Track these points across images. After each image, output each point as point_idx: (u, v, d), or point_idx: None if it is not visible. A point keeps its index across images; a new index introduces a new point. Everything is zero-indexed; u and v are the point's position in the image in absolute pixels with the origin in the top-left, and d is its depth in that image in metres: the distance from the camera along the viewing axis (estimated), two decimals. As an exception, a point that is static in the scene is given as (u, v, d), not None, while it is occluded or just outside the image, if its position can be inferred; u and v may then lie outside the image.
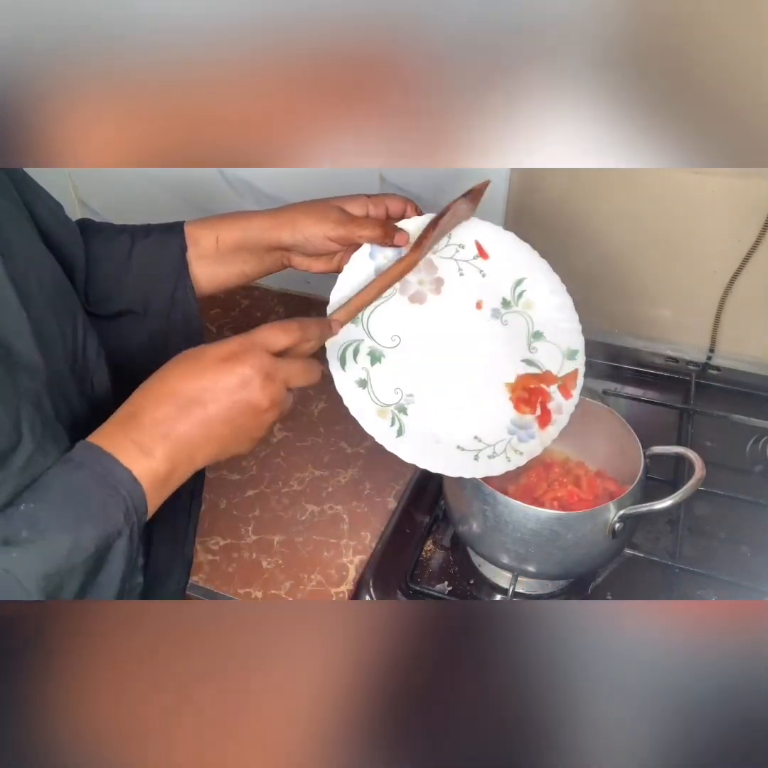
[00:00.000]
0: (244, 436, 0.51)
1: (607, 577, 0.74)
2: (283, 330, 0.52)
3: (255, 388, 0.49)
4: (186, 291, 0.64)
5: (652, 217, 0.93)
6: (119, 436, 0.47)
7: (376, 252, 0.63)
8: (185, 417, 0.48)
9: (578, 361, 0.67)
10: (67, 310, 0.53)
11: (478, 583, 0.74)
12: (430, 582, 0.74)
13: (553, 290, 0.68)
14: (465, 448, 0.63)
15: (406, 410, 0.62)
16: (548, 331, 0.67)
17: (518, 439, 0.64)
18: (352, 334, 0.62)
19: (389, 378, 0.63)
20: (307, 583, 0.75)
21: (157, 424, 0.47)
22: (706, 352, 1.00)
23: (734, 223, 0.89)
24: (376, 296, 0.61)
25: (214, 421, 0.49)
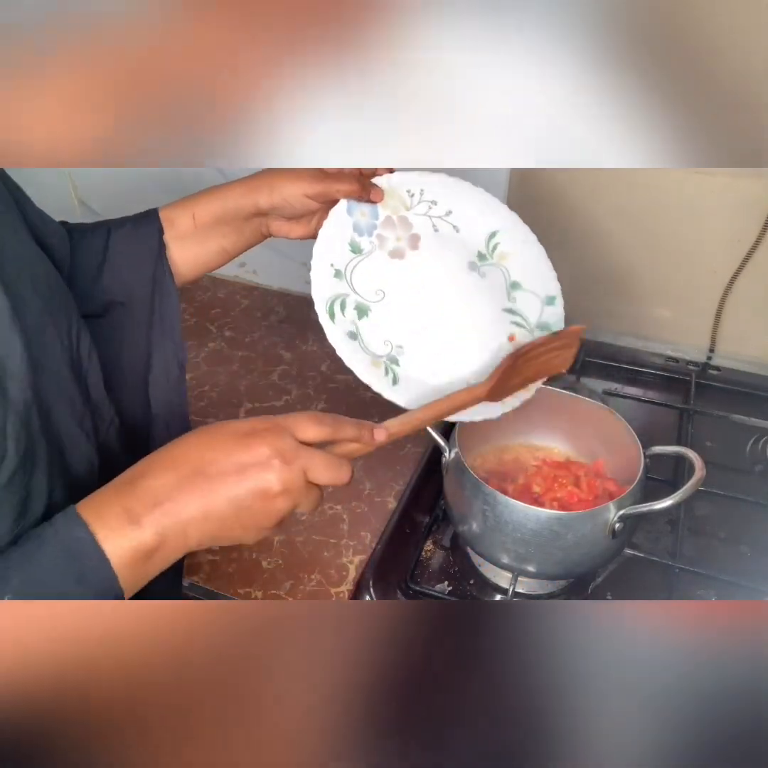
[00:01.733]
0: (250, 522, 0.46)
1: (607, 577, 0.74)
2: (314, 420, 0.49)
3: (269, 469, 0.45)
4: (165, 271, 0.63)
5: (652, 217, 0.93)
6: (112, 500, 0.44)
7: (353, 208, 0.65)
8: (185, 487, 0.44)
9: (557, 307, 0.69)
10: (63, 310, 0.52)
11: (478, 583, 0.74)
12: (430, 582, 0.74)
13: (526, 241, 0.70)
14: None
15: (398, 361, 0.64)
16: (525, 281, 0.70)
17: None
18: (338, 289, 0.63)
19: (377, 330, 0.64)
20: (307, 583, 0.75)
21: (153, 491, 0.44)
22: (706, 352, 1.00)
23: (734, 223, 0.89)
24: (434, 418, 0.58)
25: (217, 496, 0.44)
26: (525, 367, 0.59)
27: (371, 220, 0.65)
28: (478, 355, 0.66)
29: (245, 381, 1.04)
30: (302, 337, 1.12)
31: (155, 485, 0.44)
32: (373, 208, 0.65)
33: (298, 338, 1.12)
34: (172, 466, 0.45)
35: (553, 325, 0.68)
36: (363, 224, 0.65)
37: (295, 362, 1.07)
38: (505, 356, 0.60)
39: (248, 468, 0.45)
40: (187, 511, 0.44)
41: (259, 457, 0.45)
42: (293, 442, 0.47)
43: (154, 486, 0.44)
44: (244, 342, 1.11)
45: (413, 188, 0.67)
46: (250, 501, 0.45)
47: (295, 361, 1.07)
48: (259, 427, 0.46)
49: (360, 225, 0.65)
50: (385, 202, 0.66)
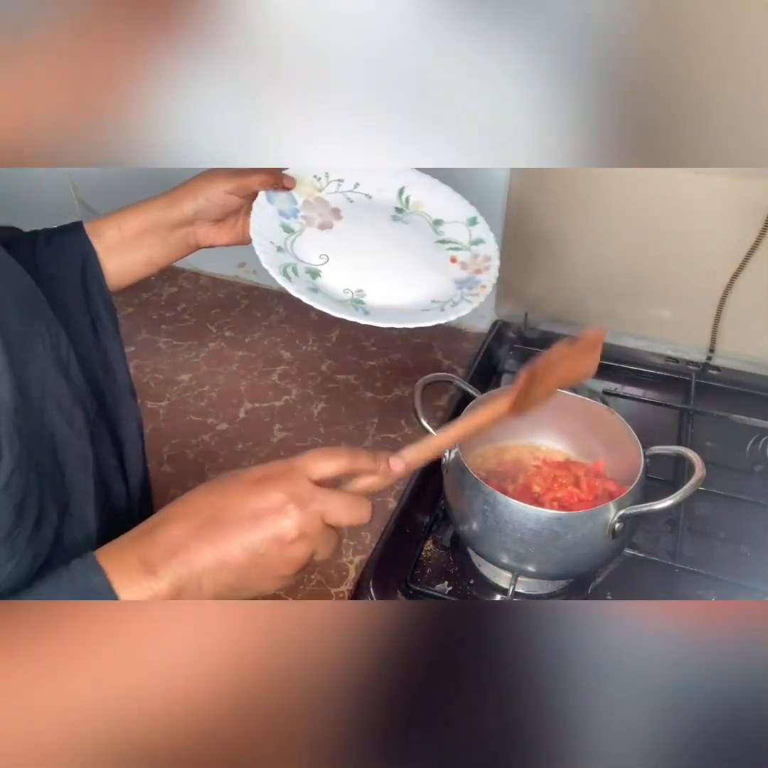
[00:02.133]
0: (267, 570, 0.45)
1: (607, 577, 0.74)
2: (328, 456, 0.47)
3: (284, 514, 0.44)
4: (96, 278, 0.65)
5: (652, 216, 0.93)
6: (128, 550, 0.44)
7: (272, 197, 0.71)
8: (199, 536, 0.43)
9: (481, 224, 0.77)
10: (38, 309, 0.53)
11: (478, 583, 0.74)
12: (430, 582, 0.74)
13: (432, 186, 0.78)
14: (429, 308, 0.70)
15: (363, 301, 0.70)
16: (445, 216, 0.78)
17: (468, 288, 0.73)
18: (285, 259, 0.70)
19: (334, 285, 0.70)
20: (307, 583, 0.75)
21: (169, 540, 0.43)
22: (706, 352, 1.00)
23: (734, 223, 0.89)
24: (453, 442, 0.58)
25: (231, 544, 0.43)
26: (547, 377, 0.58)
27: (291, 205, 0.73)
28: (430, 278, 0.73)
29: (245, 381, 1.04)
30: (302, 337, 1.12)
31: (171, 535, 0.44)
32: (290, 195, 0.73)
33: (298, 338, 1.12)
34: (186, 516, 0.45)
35: (486, 238, 0.77)
36: (286, 209, 0.73)
37: (295, 362, 1.07)
38: (524, 371, 0.57)
39: (263, 515, 0.44)
40: (202, 561, 0.43)
41: (273, 502, 0.44)
42: (308, 485, 0.46)
43: (170, 536, 0.44)
44: (244, 342, 1.11)
45: (318, 173, 0.76)
46: (266, 548, 0.44)
47: (295, 361, 1.07)
48: (272, 472, 0.46)
49: (284, 210, 0.72)
50: (299, 189, 0.73)
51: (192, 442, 0.93)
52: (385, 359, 1.08)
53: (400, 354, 1.09)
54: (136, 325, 1.16)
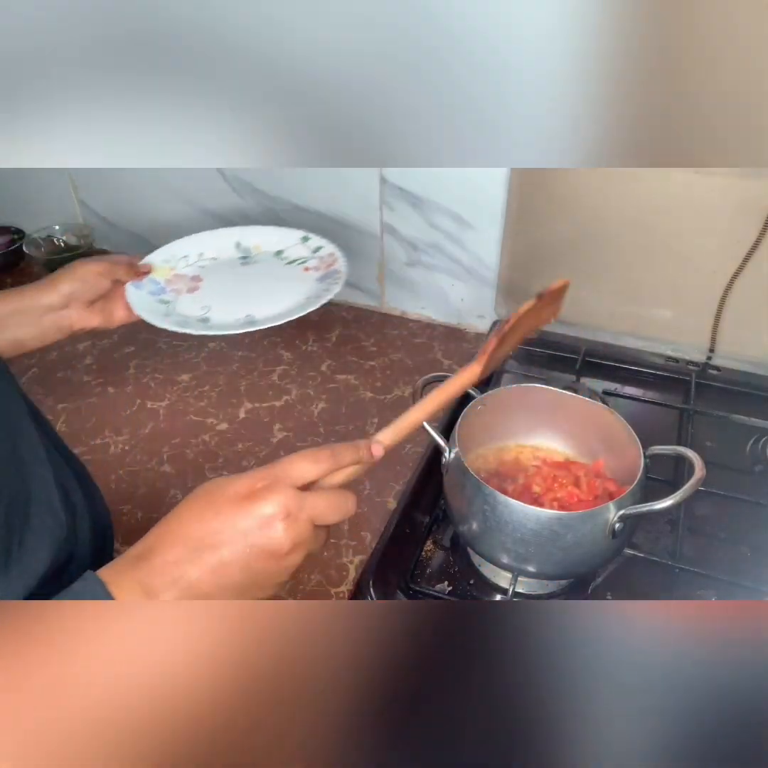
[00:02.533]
0: (267, 582, 0.47)
1: (607, 577, 0.74)
2: (311, 460, 0.49)
3: (275, 530, 0.45)
4: None
5: (651, 216, 0.93)
6: (127, 576, 0.44)
7: (139, 284, 0.85)
8: (197, 562, 0.44)
9: (312, 238, 0.97)
10: None
11: (478, 583, 0.74)
12: (430, 582, 0.74)
13: (260, 230, 0.99)
14: (306, 303, 0.86)
15: (255, 319, 0.85)
16: (281, 245, 0.98)
17: (330, 278, 0.89)
18: (175, 318, 0.85)
19: (225, 318, 0.87)
20: (307, 583, 0.75)
21: (168, 566, 0.44)
22: (706, 352, 1.00)
23: (734, 223, 0.89)
24: (428, 415, 0.60)
25: (229, 567, 0.45)
26: (512, 335, 0.59)
27: (156, 286, 0.88)
28: (295, 287, 0.90)
29: (245, 381, 1.04)
30: (302, 337, 1.12)
31: (168, 561, 0.44)
32: (151, 279, 0.88)
33: (298, 338, 1.12)
34: (182, 540, 0.45)
35: (322, 244, 0.96)
36: (154, 289, 0.88)
37: (295, 362, 1.07)
38: (491, 336, 0.60)
39: (255, 534, 0.45)
40: (202, 588, 0.45)
41: (263, 518, 0.45)
42: (294, 493, 0.46)
43: (167, 562, 0.44)
44: (244, 342, 1.12)
45: (166, 256, 0.93)
46: (263, 565, 0.45)
47: (295, 361, 1.07)
48: (257, 487, 0.46)
49: (153, 290, 0.88)
50: (156, 273, 0.89)
51: (192, 442, 0.93)
52: (385, 359, 1.08)
53: (400, 354, 1.09)
54: (136, 325, 1.15)
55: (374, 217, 1.09)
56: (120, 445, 0.93)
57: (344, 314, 1.17)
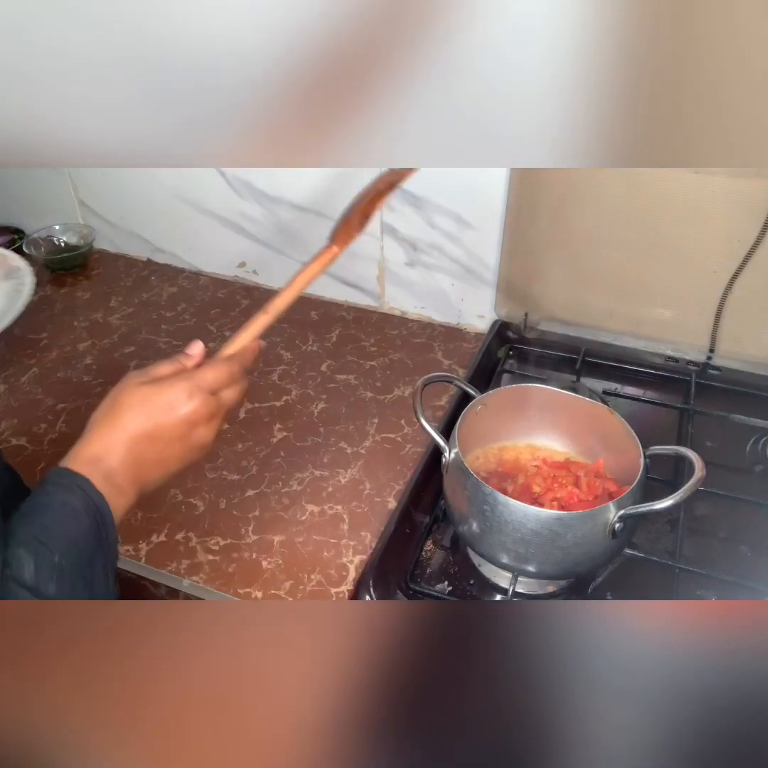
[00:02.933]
0: (192, 447, 0.58)
1: (607, 577, 0.74)
2: (212, 367, 0.60)
3: (187, 405, 0.56)
4: None
5: (651, 216, 0.93)
6: (95, 475, 0.52)
7: None
8: (144, 453, 0.55)
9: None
10: None
11: (478, 583, 0.74)
12: (430, 582, 0.74)
13: None
14: None
15: None
16: None
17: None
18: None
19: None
20: (307, 583, 0.75)
21: (126, 467, 0.54)
22: (706, 352, 1.00)
23: (734, 223, 0.89)
24: (300, 290, 0.66)
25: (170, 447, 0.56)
26: (366, 206, 0.68)
27: None
28: None
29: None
30: (302, 337, 1.12)
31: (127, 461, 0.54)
32: None
33: (298, 338, 1.12)
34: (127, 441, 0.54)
35: None
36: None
37: (295, 362, 1.07)
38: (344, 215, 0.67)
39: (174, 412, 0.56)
40: (151, 471, 0.56)
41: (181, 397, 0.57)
42: (195, 379, 0.58)
43: (126, 462, 0.54)
44: (244, 342, 1.11)
45: None
46: (185, 431, 0.57)
47: (295, 361, 1.07)
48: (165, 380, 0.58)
49: None
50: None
51: (192, 442, 0.93)
52: (385, 359, 1.08)
53: (400, 354, 1.09)
54: (136, 325, 1.16)
55: (374, 217, 1.09)
56: (120, 445, 0.93)
57: (344, 314, 1.17)
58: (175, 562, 0.77)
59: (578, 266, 1.00)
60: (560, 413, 0.78)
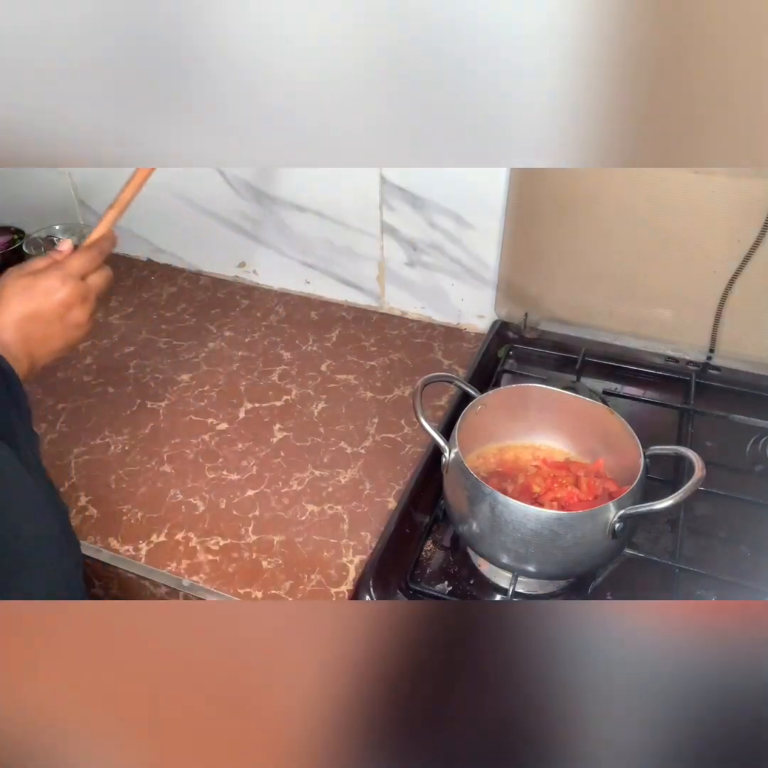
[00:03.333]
0: (70, 325, 0.69)
1: (607, 577, 0.74)
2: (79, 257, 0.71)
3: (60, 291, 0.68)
4: None
5: (651, 216, 0.93)
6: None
7: None
8: (31, 333, 0.67)
9: None
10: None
11: (478, 583, 0.74)
12: (430, 582, 0.74)
13: None
14: None
15: None
16: None
17: None
18: None
19: None
20: (307, 583, 0.75)
21: (17, 342, 0.65)
22: (706, 352, 1.00)
23: (734, 223, 0.89)
24: (139, 186, 0.77)
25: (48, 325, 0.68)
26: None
27: None
28: None
29: (245, 381, 1.04)
30: (302, 337, 1.12)
31: (19, 338, 0.66)
32: None
33: (298, 338, 1.12)
34: (19, 323, 0.66)
35: None
36: None
37: (295, 362, 1.07)
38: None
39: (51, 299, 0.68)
40: (39, 346, 0.68)
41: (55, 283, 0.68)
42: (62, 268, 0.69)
43: (18, 339, 0.66)
44: (244, 342, 1.11)
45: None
46: (61, 311, 0.68)
47: (295, 361, 1.07)
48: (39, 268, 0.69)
49: None
50: None
51: (192, 442, 0.93)
52: (385, 359, 1.08)
53: (400, 354, 1.09)
54: (136, 325, 1.16)
55: (374, 217, 1.09)
56: (120, 445, 0.93)
57: (344, 314, 1.17)
58: (175, 562, 0.77)
59: (578, 266, 1.00)
60: (560, 413, 0.78)
